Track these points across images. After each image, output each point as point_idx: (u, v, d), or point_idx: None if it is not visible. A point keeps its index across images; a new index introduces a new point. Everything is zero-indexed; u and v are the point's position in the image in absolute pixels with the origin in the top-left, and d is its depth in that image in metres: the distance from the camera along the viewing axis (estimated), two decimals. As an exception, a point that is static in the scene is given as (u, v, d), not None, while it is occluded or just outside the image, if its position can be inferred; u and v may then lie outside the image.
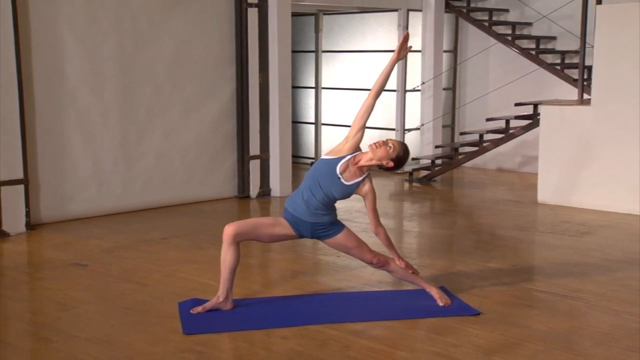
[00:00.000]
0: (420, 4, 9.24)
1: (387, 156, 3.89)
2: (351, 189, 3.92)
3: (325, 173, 3.89)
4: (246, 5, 7.35)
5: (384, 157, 3.89)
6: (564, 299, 4.29)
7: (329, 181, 3.88)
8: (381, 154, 3.88)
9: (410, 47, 4.03)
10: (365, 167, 3.93)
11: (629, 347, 3.54)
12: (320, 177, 3.90)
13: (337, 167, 3.88)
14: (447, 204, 7.89)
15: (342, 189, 3.90)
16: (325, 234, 3.97)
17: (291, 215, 3.94)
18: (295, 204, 3.94)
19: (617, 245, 5.56)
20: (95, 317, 3.98)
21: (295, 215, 3.92)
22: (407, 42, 3.98)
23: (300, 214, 3.91)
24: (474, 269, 4.91)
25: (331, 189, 3.89)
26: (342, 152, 3.92)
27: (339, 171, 3.88)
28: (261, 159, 7.64)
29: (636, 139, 6.60)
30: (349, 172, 3.90)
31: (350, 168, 3.90)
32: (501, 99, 9.01)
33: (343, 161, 3.89)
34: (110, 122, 6.61)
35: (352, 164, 3.91)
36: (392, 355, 3.46)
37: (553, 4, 8.41)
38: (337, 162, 3.90)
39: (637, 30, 6.54)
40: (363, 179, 3.93)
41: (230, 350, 3.53)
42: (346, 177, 3.89)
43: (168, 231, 6.03)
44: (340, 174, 3.88)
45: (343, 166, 3.89)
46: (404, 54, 4.02)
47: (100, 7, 6.43)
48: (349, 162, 3.90)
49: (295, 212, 3.93)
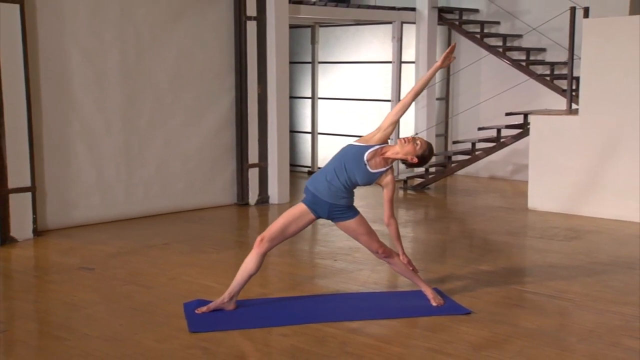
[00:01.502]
0: (414, 16, 9.50)
1: (414, 152, 4.11)
2: (374, 176, 4.12)
3: (353, 157, 4.10)
4: (245, 18, 7.58)
5: (410, 153, 4.11)
6: (552, 299, 4.50)
7: (355, 166, 4.09)
8: (408, 149, 4.10)
9: (454, 57, 4.25)
10: (390, 159, 4.14)
11: (611, 342, 3.75)
12: (347, 160, 4.10)
13: (365, 154, 4.09)
14: (440, 210, 8.10)
15: (366, 175, 4.10)
16: (341, 216, 4.17)
17: (312, 195, 4.13)
18: (318, 184, 4.13)
19: (603, 249, 5.78)
20: (104, 317, 4.17)
21: (316, 194, 4.11)
22: (453, 52, 4.19)
23: (322, 194, 4.10)
24: (466, 272, 5.11)
25: (355, 173, 4.09)
26: (371, 142, 4.13)
27: (366, 158, 4.09)
28: (260, 167, 7.84)
29: (622, 147, 6.83)
30: (374, 161, 4.11)
31: (377, 158, 4.11)
32: (493, 109, 9.25)
33: (371, 150, 4.10)
34: (113, 132, 6.82)
35: (379, 154, 4.12)
36: (388, 351, 3.66)
37: (542, 16, 8.66)
38: (366, 149, 4.10)
39: (622, 43, 6.79)
40: (387, 169, 4.15)
41: (233, 347, 3.72)
42: (372, 165, 4.10)
43: (170, 237, 6.23)
44: (367, 161, 4.09)
45: (370, 154, 4.10)
46: (447, 63, 4.22)
47: (104, 21, 6.65)
48: (377, 151, 4.11)
49: (316, 191, 4.12)
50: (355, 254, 5.57)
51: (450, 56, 4.19)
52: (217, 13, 7.50)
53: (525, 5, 9.26)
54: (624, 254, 5.59)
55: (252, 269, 4.13)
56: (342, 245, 5.87)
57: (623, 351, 3.62)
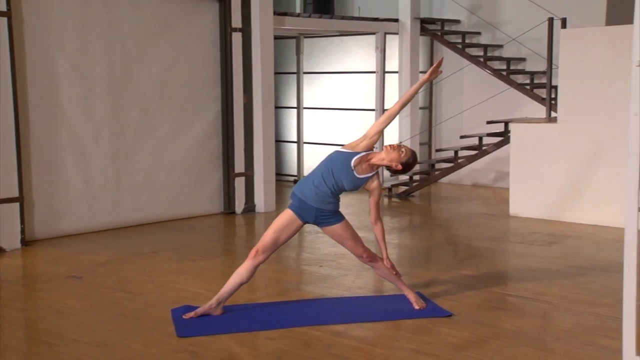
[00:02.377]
0: (397, 27, 9.67)
1: (398, 159, 4.23)
2: (361, 182, 4.24)
3: (340, 163, 4.22)
4: (230, 29, 7.70)
5: (395, 160, 4.23)
6: (531, 302, 4.64)
7: (342, 171, 4.20)
8: (393, 156, 4.23)
9: (441, 71, 4.39)
10: (376, 165, 4.27)
11: (585, 341, 3.88)
12: (334, 166, 4.22)
13: (352, 160, 4.21)
14: (424, 217, 8.24)
15: (352, 181, 4.22)
16: (327, 221, 4.28)
17: (299, 200, 4.24)
18: (305, 189, 4.24)
19: (581, 254, 5.93)
20: (93, 323, 4.24)
21: (303, 199, 4.22)
22: (440, 66, 4.33)
23: (308, 199, 4.21)
24: (449, 276, 5.24)
25: (342, 179, 4.21)
26: (357, 148, 4.25)
27: (353, 164, 4.21)
28: (246, 176, 7.95)
29: (600, 154, 7.01)
30: (361, 167, 4.23)
31: (363, 164, 4.24)
32: (475, 117, 9.42)
33: (358, 156, 4.22)
34: (101, 142, 6.90)
35: (365, 161, 4.24)
36: (372, 353, 3.77)
37: (522, 27, 8.85)
38: (353, 156, 4.22)
39: (599, 52, 6.98)
40: (373, 175, 4.28)
41: (221, 350, 3.81)
42: (358, 171, 4.22)
43: (158, 245, 6.31)
44: (354, 167, 4.21)
45: (357, 160, 4.22)
46: (435, 77, 4.37)
47: (91, 32, 6.75)
48: (363, 158, 4.23)
49: (303, 196, 4.23)
50: (341, 260, 5.69)
51: (437, 70, 4.32)
52: (202, 25, 7.61)
53: (505, 16, 9.46)
54: (602, 258, 5.74)
55: (244, 278, 4.25)
56: (327, 252, 5.98)
57: (597, 350, 3.76)
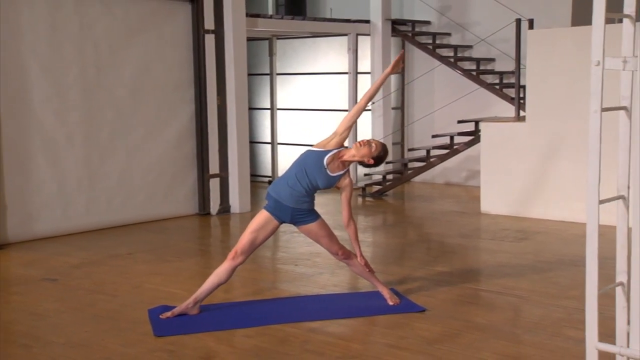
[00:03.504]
0: (369, 29, 9.78)
1: (369, 154, 4.30)
2: (334, 180, 4.30)
3: (313, 162, 4.27)
4: (203, 31, 7.73)
5: (366, 155, 4.29)
6: (501, 296, 4.76)
7: (316, 170, 4.25)
8: (364, 152, 4.28)
9: (402, 65, 4.45)
10: (347, 161, 4.32)
11: (553, 333, 4.00)
12: (307, 166, 4.27)
13: (325, 158, 4.27)
14: (398, 216, 8.35)
15: (326, 179, 4.28)
16: (303, 220, 4.34)
17: (274, 201, 4.29)
18: (280, 190, 4.29)
19: (550, 249, 6.09)
20: (69, 324, 4.26)
21: (279, 200, 4.27)
22: (401, 60, 4.41)
23: (284, 199, 4.26)
24: (422, 273, 5.34)
25: (316, 178, 4.26)
26: (329, 146, 4.30)
27: (325, 162, 4.26)
28: (221, 178, 7.98)
29: (567, 151, 7.18)
30: (333, 164, 4.29)
31: (335, 161, 4.29)
32: (446, 117, 9.57)
33: (330, 154, 4.28)
34: (74, 144, 6.88)
35: (337, 158, 4.30)
36: (347, 348, 3.84)
37: (491, 28, 9.01)
38: (325, 154, 4.28)
39: (565, 52, 7.15)
40: (345, 172, 4.33)
41: (198, 349, 3.86)
42: (331, 169, 4.28)
43: (133, 247, 6.32)
44: (326, 165, 4.27)
45: (329, 158, 4.27)
46: (397, 70, 4.45)
47: (63, 35, 6.73)
48: (335, 155, 4.29)
49: (279, 197, 4.28)
50: (316, 259, 5.76)
51: (399, 63, 4.41)
52: (175, 27, 7.63)
53: (474, 18, 9.63)
54: (569, 253, 5.90)
55: (222, 279, 4.30)
56: (302, 251, 6.05)
57: (565, 340, 3.88)
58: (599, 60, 2.29)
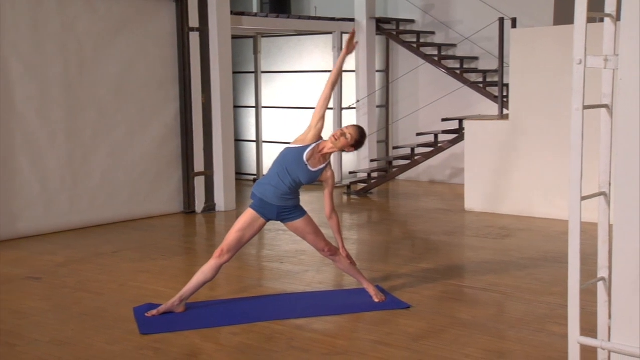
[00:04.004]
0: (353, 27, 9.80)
1: (347, 144, 4.30)
2: (316, 174, 4.31)
3: (293, 160, 4.27)
4: (188, 29, 7.71)
5: (344, 145, 4.30)
6: (485, 292, 4.80)
7: (297, 167, 4.26)
8: (342, 143, 4.29)
9: (356, 42, 4.43)
10: (328, 154, 4.33)
11: (536, 329, 4.05)
12: (288, 164, 4.27)
13: (304, 154, 4.27)
14: (383, 214, 8.39)
15: (308, 175, 4.28)
16: (289, 216, 4.35)
17: (259, 200, 4.29)
18: (264, 189, 4.29)
19: (533, 246, 6.15)
20: (54, 323, 4.24)
21: (264, 199, 4.28)
22: (354, 38, 4.38)
23: (269, 198, 4.27)
24: (407, 270, 5.38)
25: (298, 175, 4.27)
26: (306, 141, 4.30)
27: (305, 158, 4.27)
28: (206, 176, 7.97)
29: (549, 149, 7.25)
30: (314, 159, 4.29)
31: (315, 156, 4.30)
32: (431, 115, 9.62)
33: (309, 149, 4.28)
34: (57, 143, 6.84)
35: (317, 152, 4.30)
36: (333, 344, 3.86)
37: (474, 27, 9.08)
38: (304, 150, 4.28)
39: (548, 51, 7.21)
40: (326, 165, 4.34)
41: (184, 346, 3.86)
42: (312, 164, 4.28)
43: (118, 245, 6.29)
44: (307, 161, 4.27)
45: (309, 154, 4.28)
46: (352, 49, 4.42)
47: (45, 32, 6.68)
48: (314, 150, 4.29)
49: (263, 196, 4.28)
50: (301, 257, 5.78)
51: (352, 42, 4.37)
52: (159, 24, 7.60)
53: (457, 16, 9.68)
54: (552, 250, 5.96)
55: (208, 277, 4.30)
56: (288, 249, 6.07)
57: (548, 336, 3.93)
58: (581, 58, 2.32)
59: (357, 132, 4.33)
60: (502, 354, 3.68)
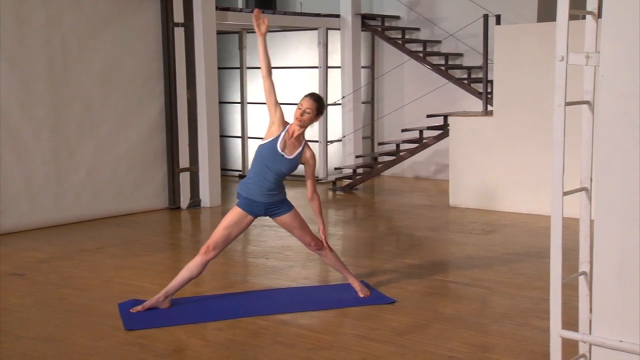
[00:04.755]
0: (338, 23, 9.81)
1: (312, 119, 4.27)
2: (296, 161, 4.30)
3: (269, 155, 4.26)
4: (173, 24, 7.68)
5: (312, 120, 4.27)
6: (469, 287, 4.84)
7: (275, 160, 4.24)
8: (306, 121, 4.26)
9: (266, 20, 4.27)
10: (299, 135, 4.30)
11: (520, 323, 4.10)
12: (265, 160, 4.26)
13: (277, 146, 4.25)
14: (368, 209, 8.42)
15: (289, 163, 4.27)
16: (277, 211, 4.36)
17: (245, 199, 4.30)
18: (249, 189, 4.28)
19: (517, 241, 6.20)
20: (38, 319, 4.22)
21: (250, 198, 4.28)
22: (259, 18, 4.27)
23: (255, 197, 4.27)
24: (392, 265, 5.41)
25: (279, 167, 4.26)
26: (274, 133, 4.28)
27: (280, 149, 4.25)
28: (191, 172, 7.95)
29: (532, 145, 7.31)
30: (288, 146, 4.28)
31: (288, 142, 4.28)
32: (416, 111, 9.66)
33: (280, 139, 4.26)
34: (42, 138, 6.79)
35: (289, 138, 4.28)
36: (318, 339, 3.88)
37: (459, 23, 9.12)
38: (276, 141, 4.26)
39: (531, 47, 7.27)
40: (302, 148, 4.32)
41: (169, 342, 3.86)
42: (288, 152, 4.27)
43: (103, 241, 6.27)
44: (282, 151, 4.26)
45: (282, 143, 4.26)
46: (264, 29, 4.31)
47: (29, 27, 6.63)
48: (285, 137, 4.28)
49: (249, 195, 4.28)
50: (287, 252, 5.79)
51: (259, 21, 4.25)
52: (144, 19, 7.56)
53: (442, 13, 9.72)
54: (535, 245, 6.02)
55: (194, 273, 4.30)
56: (273, 244, 6.07)
57: (531, 330, 3.97)
58: (563, 55, 2.35)
59: (314, 102, 4.26)
60: (485, 348, 3.72)
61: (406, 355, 3.63)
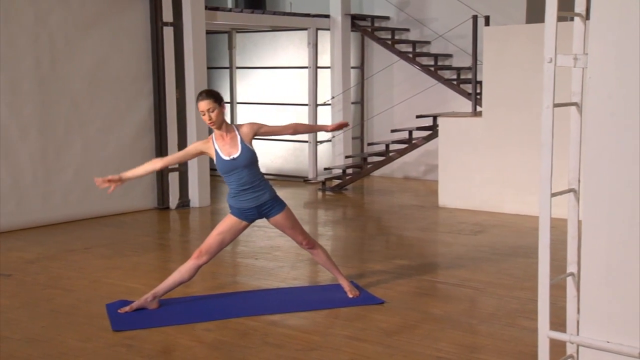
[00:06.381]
0: (328, 23, 9.81)
1: (218, 111, 4.19)
2: (245, 150, 4.23)
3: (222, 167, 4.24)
4: (162, 24, 7.65)
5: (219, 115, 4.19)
6: (457, 287, 4.86)
7: (231, 167, 4.22)
8: (215, 117, 4.18)
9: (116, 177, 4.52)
10: (226, 129, 4.24)
11: (508, 323, 4.11)
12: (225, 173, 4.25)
13: (221, 156, 4.22)
14: (357, 210, 8.42)
15: (243, 157, 4.21)
16: (271, 212, 4.35)
17: (237, 209, 4.31)
18: (236, 201, 4.30)
19: (505, 242, 6.22)
20: (25, 320, 4.19)
21: (241, 208, 4.29)
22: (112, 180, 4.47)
23: (244, 204, 4.28)
24: (382, 266, 5.41)
25: (237, 167, 4.21)
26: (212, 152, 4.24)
27: (224, 156, 4.22)
28: (180, 172, 7.92)
29: (521, 146, 7.33)
30: (226, 147, 4.23)
31: (226, 144, 4.23)
32: (405, 112, 9.67)
33: (217, 149, 4.23)
34: (29, 138, 6.74)
35: (223, 143, 4.24)
36: (307, 340, 3.88)
37: (448, 24, 9.14)
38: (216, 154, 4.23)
39: (520, 48, 7.29)
40: (238, 133, 4.27)
41: (158, 342, 3.84)
42: (233, 152, 4.22)
43: (91, 241, 6.23)
44: (228, 157, 4.21)
45: (221, 151, 4.22)
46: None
47: (16, 25, 6.58)
48: (220, 145, 4.24)
49: (239, 206, 4.29)
50: (276, 253, 5.78)
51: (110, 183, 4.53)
52: (132, 19, 7.53)
53: (432, 14, 9.74)
54: (523, 245, 6.04)
55: (185, 277, 4.30)
56: (263, 245, 6.06)
57: (519, 330, 3.99)
58: (551, 57, 2.36)
59: (207, 98, 4.19)
60: (473, 349, 3.73)
61: (395, 355, 3.63)
